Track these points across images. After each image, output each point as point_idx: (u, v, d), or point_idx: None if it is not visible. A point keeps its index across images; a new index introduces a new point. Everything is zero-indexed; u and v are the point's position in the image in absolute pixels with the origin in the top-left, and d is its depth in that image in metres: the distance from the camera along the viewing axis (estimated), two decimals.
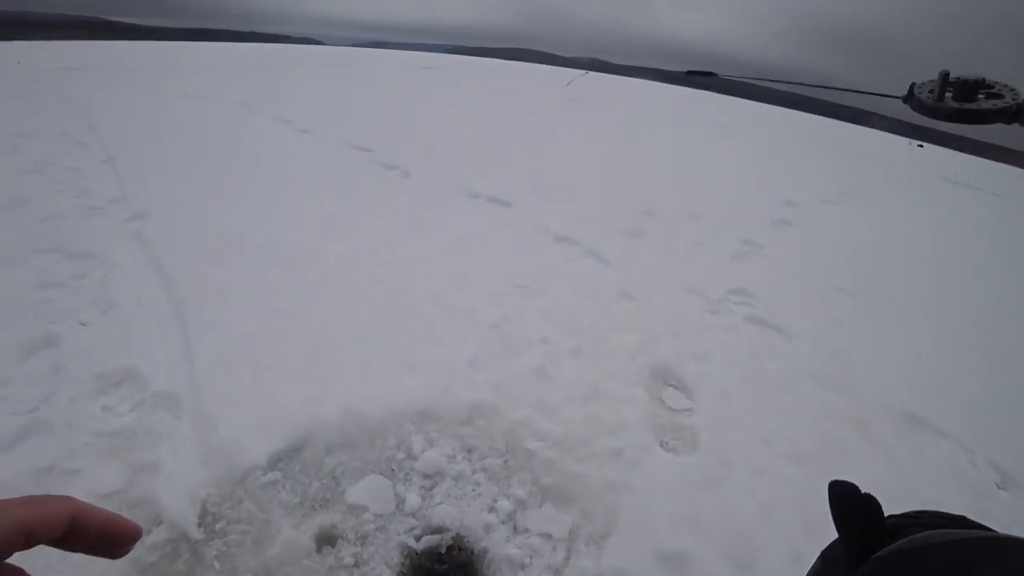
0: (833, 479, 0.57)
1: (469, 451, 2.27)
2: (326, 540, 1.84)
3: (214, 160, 6.22)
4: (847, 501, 0.53)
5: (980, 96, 0.79)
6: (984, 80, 0.78)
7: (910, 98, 0.85)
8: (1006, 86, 0.79)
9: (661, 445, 2.42)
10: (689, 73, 1.74)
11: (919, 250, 6.36)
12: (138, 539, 0.36)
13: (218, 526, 1.83)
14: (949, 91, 0.81)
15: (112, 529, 0.34)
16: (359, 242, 4.11)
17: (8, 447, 2.03)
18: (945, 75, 0.79)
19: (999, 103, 0.76)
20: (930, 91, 0.82)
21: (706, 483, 2.20)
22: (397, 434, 2.28)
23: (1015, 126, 0.77)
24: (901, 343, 3.69)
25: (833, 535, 0.55)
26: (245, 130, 8.21)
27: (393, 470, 2.14)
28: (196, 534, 1.79)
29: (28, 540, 0.30)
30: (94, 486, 1.92)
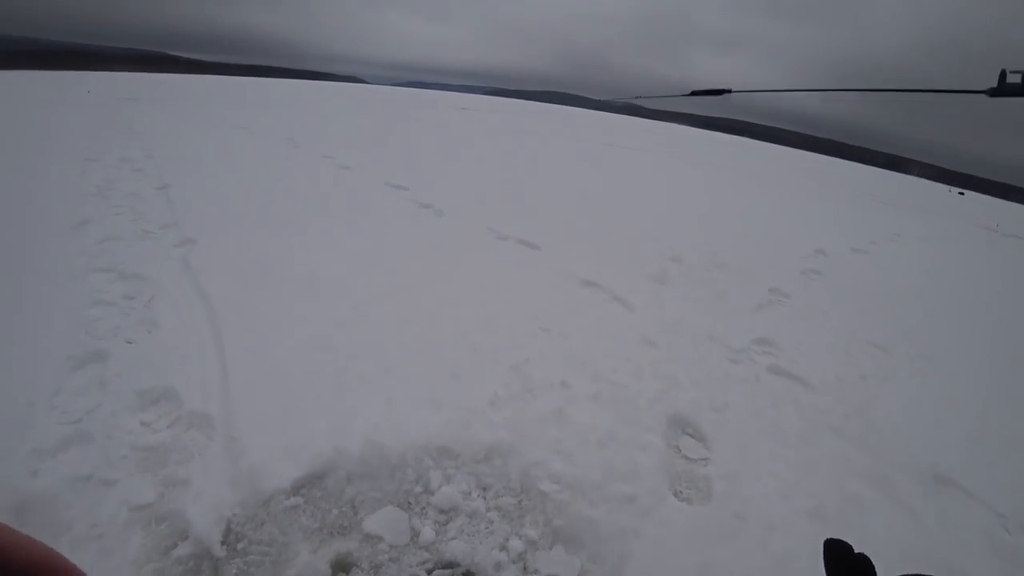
0: (828, 537, 0.62)
1: (484, 489, 2.31)
2: (341, 567, 1.90)
3: (259, 192, 6.56)
4: (840, 559, 0.56)
5: None
6: None
7: (1004, 87, 0.66)
8: None
9: (675, 494, 2.42)
10: (694, 93, 1.69)
11: (953, 302, 6.18)
12: None
13: (240, 545, 1.91)
14: None
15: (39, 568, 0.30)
16: (390, 279, 4.26)
17: (52, 454, 2.18)
18: None
19: None
20: None
21: (718, 534, 2.18)
22: (416, 468, 2.34)
23: None
24: (931, 400, 3.59)
25: None
26: (290, 164, 8.65)
27: (410, 503, 2.19)
28: (219, 551, 1.87)
29: None
30: (128, 497, 2.03)
